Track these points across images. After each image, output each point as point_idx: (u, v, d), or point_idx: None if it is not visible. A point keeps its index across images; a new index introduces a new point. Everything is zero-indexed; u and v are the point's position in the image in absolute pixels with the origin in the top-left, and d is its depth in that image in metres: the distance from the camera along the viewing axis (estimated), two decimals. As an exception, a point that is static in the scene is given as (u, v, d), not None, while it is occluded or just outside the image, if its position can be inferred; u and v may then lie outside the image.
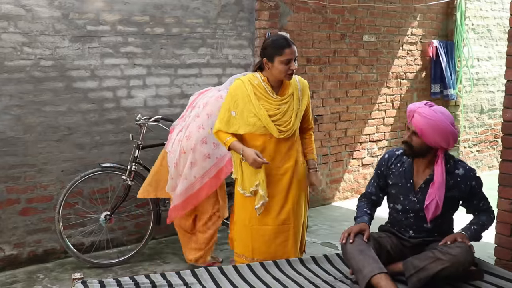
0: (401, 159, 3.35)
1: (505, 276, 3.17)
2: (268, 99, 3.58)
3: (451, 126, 3.13)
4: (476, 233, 3.20)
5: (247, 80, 3.63)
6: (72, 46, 4.79)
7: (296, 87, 3.66)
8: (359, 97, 6.99)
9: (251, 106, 3.56)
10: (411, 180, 3.27)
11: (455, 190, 3.20)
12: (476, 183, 3.25)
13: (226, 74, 5.65)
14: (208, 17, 5.53)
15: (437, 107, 3.21)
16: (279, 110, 3.57)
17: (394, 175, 3.33)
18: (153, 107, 5.29)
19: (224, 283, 3.13)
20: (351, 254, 3.12)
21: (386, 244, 3.26)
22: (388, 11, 7.12)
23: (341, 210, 6.50)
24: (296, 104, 3.62)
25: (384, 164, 3.40)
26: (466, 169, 3.24)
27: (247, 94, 3.58)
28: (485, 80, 8.60)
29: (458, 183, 3.19)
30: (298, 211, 3.72)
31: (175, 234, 5.50)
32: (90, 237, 4.98)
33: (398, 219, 3.34)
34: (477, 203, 3.29)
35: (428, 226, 3.23)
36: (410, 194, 3.26)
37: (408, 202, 3.26)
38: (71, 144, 4.87)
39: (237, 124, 3.62)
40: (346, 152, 6.91)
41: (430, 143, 3.13)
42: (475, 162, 8.56)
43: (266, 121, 3.54)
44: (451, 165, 3.22)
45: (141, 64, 5.19)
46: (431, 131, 3.10)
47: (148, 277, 3.15)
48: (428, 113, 3.13)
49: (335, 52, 6.66)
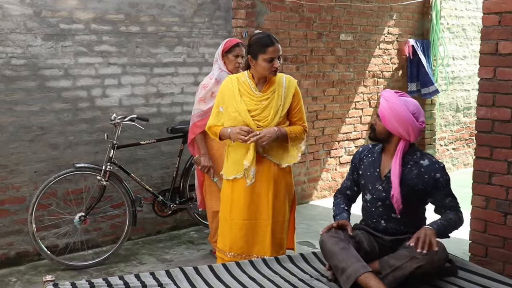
0: (372, 151, 3.38)
1: (478, 271, 3.19)
2: (250, 95, 3.66)
3: (412, 116, 3.13)
4: (445, 228, 3.10)
5: (235, 77, 3.76)
6: (45, 44, 4.71)
7: (281, 84, 3.68)
8: (336, 96, 7.00)
9: (234, 102, 3.65)
10: (378, 169, 3.29)
11: (418, 181, 3.16)
12: (441, 176, 3.17)
13: (203, 73, 5.61)
14: (184, 16, 5.49)
15: (406, 97, 3.23)
16: (259, 105, 3.63)
17: (365, 166, 3.36)
18: (128, 106, 5.24)
19: (199, 283, 3.09)
20: (331, 253, 3.10)
21: (363, 242, 3.25)
22: (365, 10, 7.15)
23: (318, 209, 6.51)
24: (278, 100, 3.64)
25: (357, 157, 3.44)
26: (432, 161, 3.20)
27: (233, 90, 3.68)
28: (461, 79, 8.69)
29: (421, 174, 3.17)
30: (278, 207, 3.71)
31: (151, 234, 5.48)
32: (64, 238, 4.91)
33: (369, 210, 3.34)
34: (443, 199, 3.21)
35: (397, 216, 3.22)
36: (377, 183, 3.27)
37: (375, 191, 3.27)
38: (44, 144, 4.79)
39: (223, 119, 3.74)
40: (323, 151, 6.92)
41: (390, 128, 3.17)
42: (451, 160, 8.65)
43: (245, 116, 3.61)
44: (417, 156, 3.21)
45: (116, 63, 5.13)
46: (391, 115, 3.14)
47: (122, 278, 3.10)
48: (391, 98, 3.18)
49: (312, 51, 6.67)
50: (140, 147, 5.24)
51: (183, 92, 5.58)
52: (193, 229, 5.67)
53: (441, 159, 8.45)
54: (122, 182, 4.85)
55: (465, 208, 4.32)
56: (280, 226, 3.75)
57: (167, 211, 5.23)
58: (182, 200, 5.30)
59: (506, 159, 3.80)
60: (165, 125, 5.38)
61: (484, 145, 3.94)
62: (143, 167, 5.37)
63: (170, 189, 5.25)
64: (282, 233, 3.78)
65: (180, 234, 5.56)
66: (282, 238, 3.79)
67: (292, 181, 3.86)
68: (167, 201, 5.19)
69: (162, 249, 5.15)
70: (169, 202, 5.19)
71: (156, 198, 5.17)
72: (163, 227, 5.58)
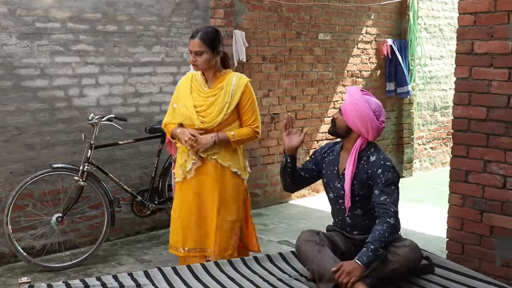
0: (333, 149, 3.39)
1: (455, 269, 3.23)
2: (199, 91, 3.70)
3: (373, 114, 3.15)
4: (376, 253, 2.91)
5: (192, 74, 3.81)
6: (20, 43, 4.65)
7: (230, 82, 3.67)
8: (315, 95, 7.02)
9: (184, 97, 3.70)
10: (336, 167, 3.30)
11: (366, 176, 3.16)
12: (383, 172, 3.08)
13: (181, 72, 5.58)
14: (162, 15, 5.46)
15: (370, 96, 3.25)
16: (205, 102, 3.65)
17: (326, 164, 3.37)
18: (106, 106, 5.19)
19: (178, 283, 3.08)
20: (307, 258, 3.10)
21: (338, 242, 3.26)
22: (343, 10, 7.18)
23: (298, 208, 6.52)
24: (225, 97, 3.63)
25: (319, 152, 3.46)
26: (379, 158, 3.16)
27: (186, 86, 3.74)
28: (438, 79, 8.78)
29: (366, 169, 3.16)
30: (225, 207, 3.69)
31: (130, 235, 5.44)
32: (41, 240, 4.85)
33: (334, 208, 3.36)
34: (378, 195, 3.06)
35: (359, 212, 3.22)
36: (336, 180, 3.28)
37: (335, 188, 3.28)
38: (20, 145, 4.73)
39: (176, 115, 3.77)
40: (302, 150, 6.93)
41: (350, 124, 3.19)
42: (429, 158, 8.74)
43: (190, 111, 3.64)
44: (371, 151, 3.20)
45: (94, 63, 5.08)
46: (352, 111, 3.16)
47: (100, 279, 3.07)
48: (355, 94, 3.21)
49: (290, 50, 6.68)
50: (118, 147, 5.20)
51: (161, 92, 5.55)
52: (172, 229, 5.64)
53: (419, 158, 8.53)
54: (100, 182, 4.81)
55: (443, 206, 4.39)
56: (229, 226, 3.70)
57: (146, 212, 5.20)
58: (161, 200, 5.27)
59: (482, 158, 3.84)
60: (143, 124, 5.34)
61: (461, 143, 3.98)
62: (121, 167, 5.33)
63: (148, 189, 5.22)
64: (233, 234, 3.72)
65: (159, 234, 5.53)
66: (229, 238, 3.71)
67: (243, 182, 3.79)
68: (145, 201, 5.16)
69: (141, 249, 5.12)
70: (148, 202, 5.16)
71: (134, 199, 5.13)
72: (142, 228, 5.54)
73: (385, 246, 2.95)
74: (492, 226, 3.81)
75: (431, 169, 8.75)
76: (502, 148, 3.73)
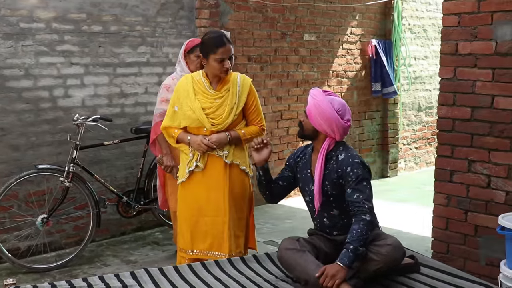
0: (305, 152, 3.39)
1: (440, 268, 3.26)
2: (204, 93, 3.65)
3: (337, 114, 3.15)
4: (356, 252, 2.92)
5: (191, 76, 3.74)
6: (4, 44, 4.61)
7: (236, 83, 3.68)
8: (300, 96, 7.04)
9: (188, 100, 3.64)
10: (309, 170, 3.31)
11: (336, 175, 3.16)
12: (352, 170, 3.08)
13: (167, 73, 5.57)
14: (147, 15, 5.45)
15: (333, 96, 3.25)
16: (213, 103, 3.63)
17: (300, 168, 3.38)
18: (91, 106, 5.17)
19: (165, 284, 3.07)
20: (290, 265, 3.10)
21: (321, 244, 3.27)
22: (328, 10, 7.21)
23: (284, 208, 6.54)
24: (232, 98, 3.64)
25: (292, 157, 3.46)
26: (347, 155, 3.16)
27: (187, 89, 3.67)
28: (422, 79, 8.85)
29: (336, 168, 3.16)
30: (234, 204, 3.70)
31: (115, 236, 5.42)
32: (26, 241, 4.81)
33: (311, 211, 3.36)
34: (351, 194, 3.06)
35: (335, 212, 3.23)
36: (310, 183, 3.28)
37: (310, 192, 3.29)
38: (5, 146, 4.69)
39: (179, 118, 3.71)
40: (288, 150, 6.95)
41: (315, 125, 3.19)
42: (414, 158, 8.80)
43: (199, 114, 3.60)
44: (340, 150, 3.21)
45: (79, 63, 5.06)
46: (316, 112, 3.16)
47: (86, 280, 3.06)
48: (317, 96, 3.20)
49: (276, 51, 6.70)
50: (104, 148, 5.18)
51: (147, 92, 5.53)
52: (158, 230, 5.63)
53: (404, 157, 8.59)
54: (85, 183, 4.79)
55: (428, 205, 4.42)
56: (237, 224, 3.73)
57: (132, 212, 5.19)
58: (147, 200, 5.26)
59: (467, 157, 3.88)
60: (129, 125, 5.32)
61: (445, 143, 4.01)
62: (107, 167, 5.31)
63: (134, 189, 5.20)
64: (240, 231, 3.76)
65: (145, 235, 5.52)
66: (239, 236, 3.75)
67: (249, 180, 3.82)
68: (131, 202, 5.14)
69: (127, 250, 5.10)
70: (134, 203, 5.15)
71: (120, 199, 5.12)
72: (128, 228, 5.53)
73: (364, 244, 2.96)
74: (477, 226, 3.85)
75: (416, 169, 8.82)
76: (486, 148, 3.78)
